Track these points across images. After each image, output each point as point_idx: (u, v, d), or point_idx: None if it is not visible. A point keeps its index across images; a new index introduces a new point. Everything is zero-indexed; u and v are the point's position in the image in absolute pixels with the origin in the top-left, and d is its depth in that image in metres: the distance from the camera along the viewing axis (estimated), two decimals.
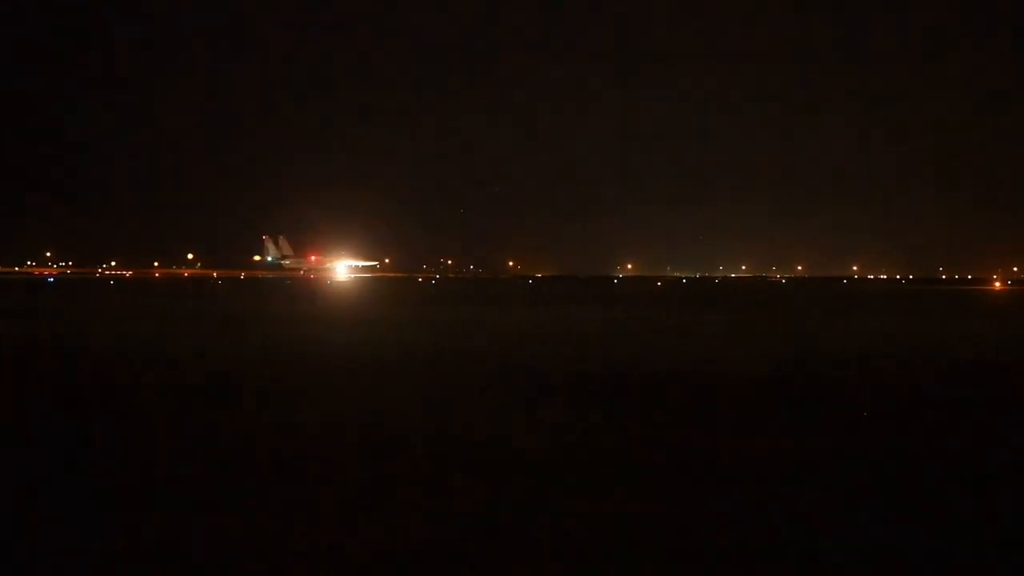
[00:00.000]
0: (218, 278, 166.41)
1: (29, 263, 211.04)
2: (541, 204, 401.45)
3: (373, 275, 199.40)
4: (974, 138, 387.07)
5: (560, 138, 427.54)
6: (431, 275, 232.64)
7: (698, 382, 17.42)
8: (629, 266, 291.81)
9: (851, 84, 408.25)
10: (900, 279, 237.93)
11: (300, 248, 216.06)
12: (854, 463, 10.28)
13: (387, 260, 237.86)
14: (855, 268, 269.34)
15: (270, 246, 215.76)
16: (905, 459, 10.54)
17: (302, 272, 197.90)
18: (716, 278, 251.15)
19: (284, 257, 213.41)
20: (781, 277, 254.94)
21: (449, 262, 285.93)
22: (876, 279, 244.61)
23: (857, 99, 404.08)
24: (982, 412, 14.09)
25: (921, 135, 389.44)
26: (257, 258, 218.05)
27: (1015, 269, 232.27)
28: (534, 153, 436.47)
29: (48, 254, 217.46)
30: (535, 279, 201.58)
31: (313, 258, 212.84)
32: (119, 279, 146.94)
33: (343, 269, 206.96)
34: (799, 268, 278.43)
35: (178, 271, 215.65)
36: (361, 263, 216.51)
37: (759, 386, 16.81)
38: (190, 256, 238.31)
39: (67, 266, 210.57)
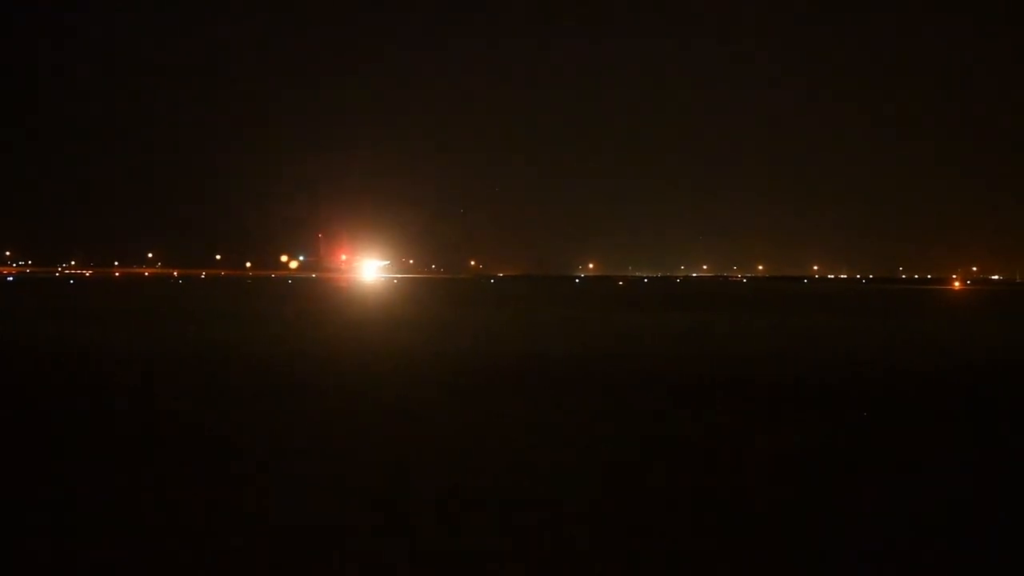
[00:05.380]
0: (179, 277, 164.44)
1: None
2: (501, 203, 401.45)
3: (390, 276, 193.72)
4: (937, 140, 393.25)
5: (516, 135, 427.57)
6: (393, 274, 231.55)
7: None
8: (591, 266, 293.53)
9: (815, 86, 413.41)
10: (860, 278, 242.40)
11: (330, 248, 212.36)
12: None
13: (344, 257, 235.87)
14: (815, 268, 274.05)
15: (322, 245, 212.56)
16: None
17: (338, 274, 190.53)
18: (678, 278, 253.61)
19: (319, 257, 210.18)
20: (743, 277, 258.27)
21: (411, 261, 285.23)
22: (836, 279, 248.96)
23: (820, 99, 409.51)
24: None
25: (882, 136, 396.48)
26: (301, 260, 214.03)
27: (974, 269, 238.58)
28: (496, 151, 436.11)
29: (8, 253, 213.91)
30: (497, 279, 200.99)
31: (344, 257, 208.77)
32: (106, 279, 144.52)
33: (371, 269, 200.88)
34: (760, 268, 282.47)
35: (139, 270, 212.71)
36: (381, 262, 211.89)
37: None
38: (150, 255, 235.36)
39: (26, 265, 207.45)
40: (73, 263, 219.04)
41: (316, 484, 8.90)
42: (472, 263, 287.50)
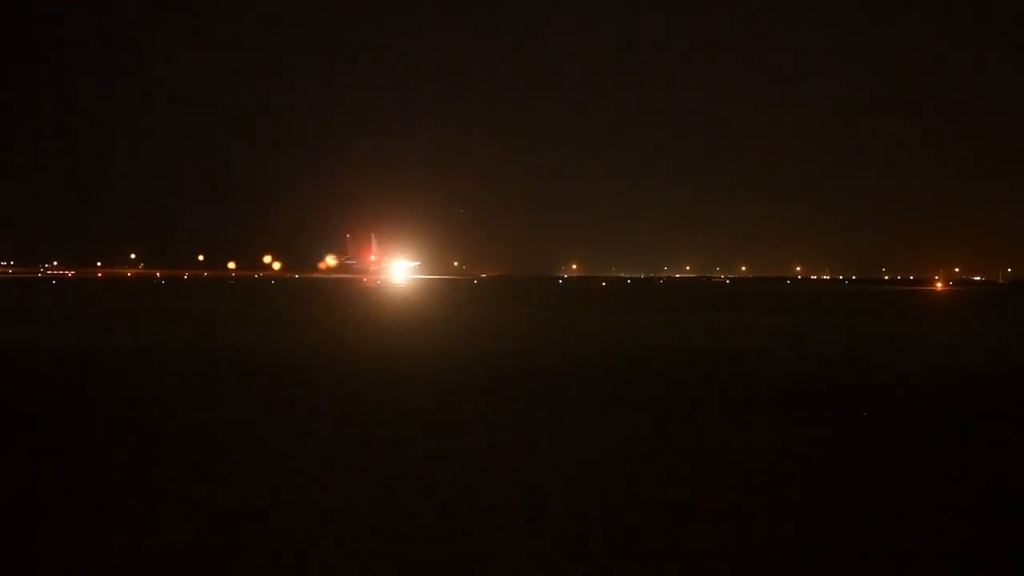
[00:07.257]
0: (162, 278, 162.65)
1: None
2: (484, 202, 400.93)
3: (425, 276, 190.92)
4: (921, 143, 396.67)
5: (502, 136, 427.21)
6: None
7: None
8: (574, 266, 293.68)
9: (800, 88, 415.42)
10: (843, 279, 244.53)
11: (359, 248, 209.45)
12: None
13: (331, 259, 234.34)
14: (798, 269, 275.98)
15: (350, 245, 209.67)
16: None
17: (367, 275, 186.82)
18: (661, 279, 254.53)
19: (349, 258, 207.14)
20: (725, 278, 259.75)
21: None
22: (820, 279, 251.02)
23: (804, 102, 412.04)
24: None
25: (865, 138, 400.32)
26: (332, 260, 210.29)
27: (956, 270, 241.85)
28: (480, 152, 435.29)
29: None
30: (480, 279, 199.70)
31: (373, 258, 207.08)
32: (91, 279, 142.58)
33: (401, 270, 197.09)
34: (743, 269, 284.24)
35: (122, 270, 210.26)
36: (412, 263, 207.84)
37: None
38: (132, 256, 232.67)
39: (8, 265, 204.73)
40: (56, 263, 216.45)
41: None
42: (455, 263, 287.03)
